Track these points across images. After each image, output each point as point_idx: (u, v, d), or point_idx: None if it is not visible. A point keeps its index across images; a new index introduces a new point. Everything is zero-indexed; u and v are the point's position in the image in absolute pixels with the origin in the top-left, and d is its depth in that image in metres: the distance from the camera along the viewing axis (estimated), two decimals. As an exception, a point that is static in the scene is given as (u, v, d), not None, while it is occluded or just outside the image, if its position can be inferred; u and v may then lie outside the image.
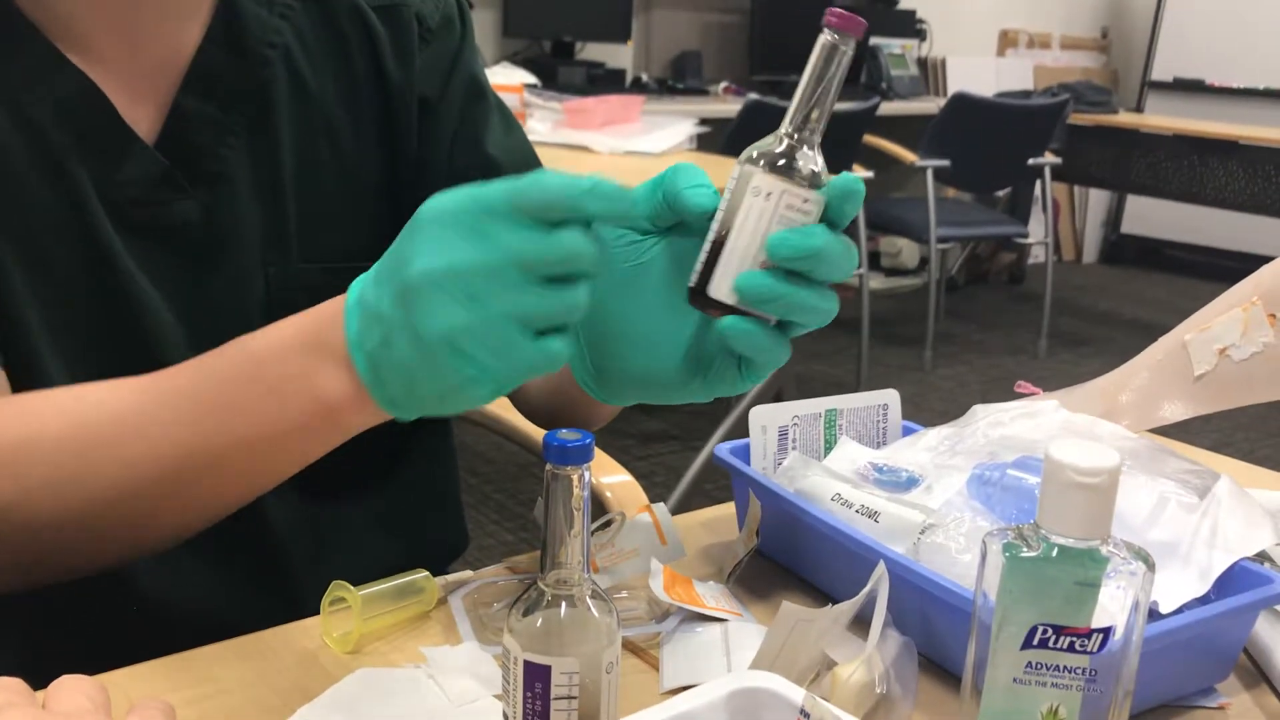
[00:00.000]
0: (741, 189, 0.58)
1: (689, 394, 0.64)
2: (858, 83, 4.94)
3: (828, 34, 0.58)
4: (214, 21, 0.77)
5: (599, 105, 3.01)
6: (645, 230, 0.63)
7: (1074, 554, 0.51)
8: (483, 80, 0.89)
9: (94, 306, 0.75)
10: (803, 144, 0.58)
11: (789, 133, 0.58)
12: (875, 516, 0.73)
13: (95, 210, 0.74)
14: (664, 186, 0.61)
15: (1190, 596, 0.66)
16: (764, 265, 0.58)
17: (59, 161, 0.72)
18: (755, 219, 0.57)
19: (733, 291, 0.58)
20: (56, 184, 0.73)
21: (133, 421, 0.63)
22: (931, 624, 0.68)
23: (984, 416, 0.84)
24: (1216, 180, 4.64)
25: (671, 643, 0.69)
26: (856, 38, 0.58)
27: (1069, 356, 4.33)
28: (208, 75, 0.76)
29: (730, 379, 0.63)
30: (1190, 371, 0.83)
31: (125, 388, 0.64)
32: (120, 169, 0.74)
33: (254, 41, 0.77)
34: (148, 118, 0.75)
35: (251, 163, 0.78)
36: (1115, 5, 6.24)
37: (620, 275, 0.63)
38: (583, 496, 0.53)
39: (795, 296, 0.58)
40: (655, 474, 3.00)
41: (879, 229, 4.49)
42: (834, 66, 0.58)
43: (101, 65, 0.74)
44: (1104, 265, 6.17)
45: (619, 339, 0.64)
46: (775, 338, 0.59)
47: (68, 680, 0.50)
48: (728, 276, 0.58)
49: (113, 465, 0.63)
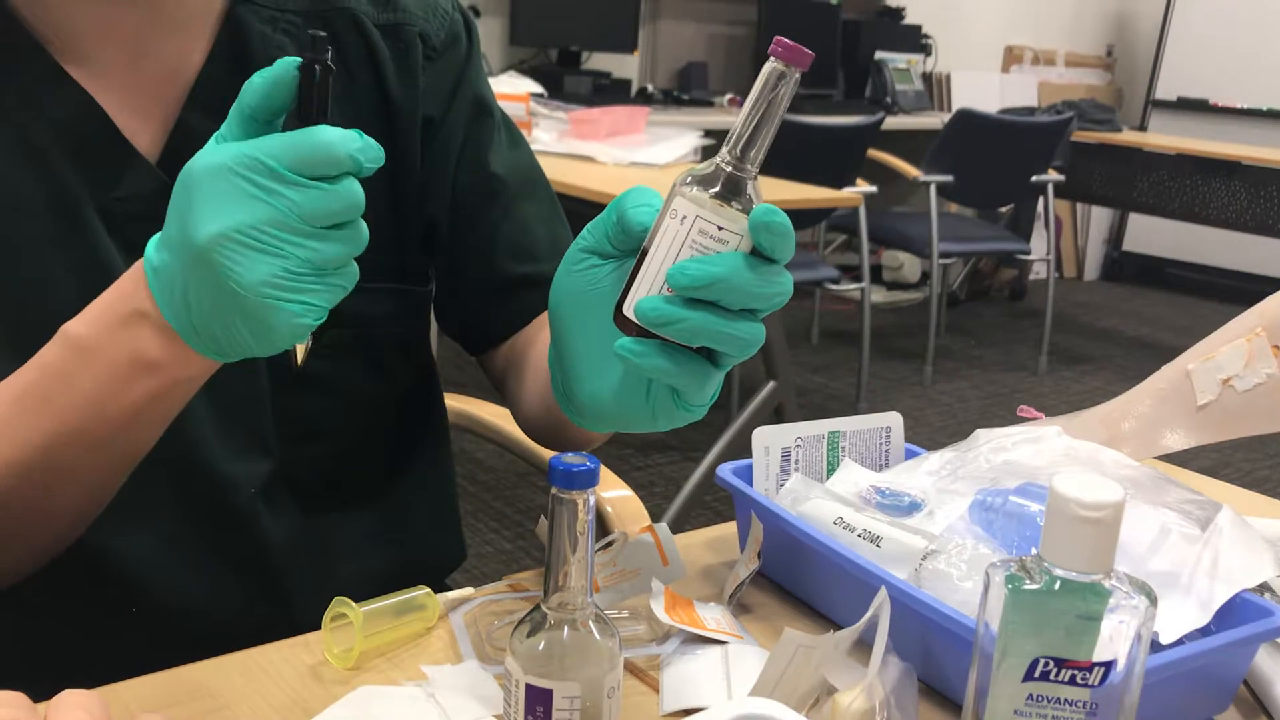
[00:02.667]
0: (665, 210, 0.58)
1: (645, 423, 0.64)
2: (862, 96, 4.95)
3: (775, 63, 0.57)
4: (218, 38, 0.77)
5: (604, 116, 3.02)
6: (607, 254, 0.63)
7: (1077, 587, 0.51)
8: (487, 97, 0.89)
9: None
10: (738, 171, 0.57)
11: (724, 159, 0.57)
12: (877, 541, 0.73)
13: (94, 225, 0.74)
14: (616, 207, 0.62)
15: (1191, 628, 0.66)
16: (671, 291, 0.57)
17: (57, 175, 0.72)
18: (669, 243, 0.57)
19: (635, 315, 0.58)
20: (54, 199, 0.73)
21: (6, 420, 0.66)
22: (932, 651, 0.68)
23: (986, 441, 0.84)
24: (1219, 200, 4.64)
25: (672, 664, 0.69)
26: (802, 69, 0.57)
27: (1069, 373, 4.33)
28: (212, 92, 0.76)
29: (668, 407, 0.62)
30: (1193, 401, 0.83)
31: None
32: (119, 184, 0.74)
33: (259, 59, 0.77)
34: (150, 134, 0.75)
35: None
36: (1121, 24, 6.26)
37: (583, 299, 0.63)
38: (587, 521, 0.53)
39: (695, 323, 0.57)
40: (655, 484, 3.00)
41: (881, 242, 4.49)
42: (779, 96, 0.57)
43: (104, 80, 0.74)
44: (1105, 283, 6.18)
45: (583, 362, 0.65)
46: (681, 362, 0.58)
47: (69, 694, 0.50)
48: (636, 297, 0.58)
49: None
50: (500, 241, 0.87)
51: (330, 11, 0.81)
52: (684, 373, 0.59)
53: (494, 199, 0.87)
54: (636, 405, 0.63)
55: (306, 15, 0.80)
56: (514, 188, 0.88)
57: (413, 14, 0.84)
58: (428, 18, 0.85)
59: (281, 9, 0.79)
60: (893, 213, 4.68)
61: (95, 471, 0.68)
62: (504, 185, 0.87)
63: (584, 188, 2.46)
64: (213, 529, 0.79)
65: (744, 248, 0.57)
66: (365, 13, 0.82)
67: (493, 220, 0.87)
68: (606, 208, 0.63)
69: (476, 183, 0.86)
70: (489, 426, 1.23)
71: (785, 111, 0.58)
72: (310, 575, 0.84)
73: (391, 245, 0.83)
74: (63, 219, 0.73)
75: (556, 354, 0.67)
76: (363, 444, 0.87)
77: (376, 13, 0.83)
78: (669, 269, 0.56)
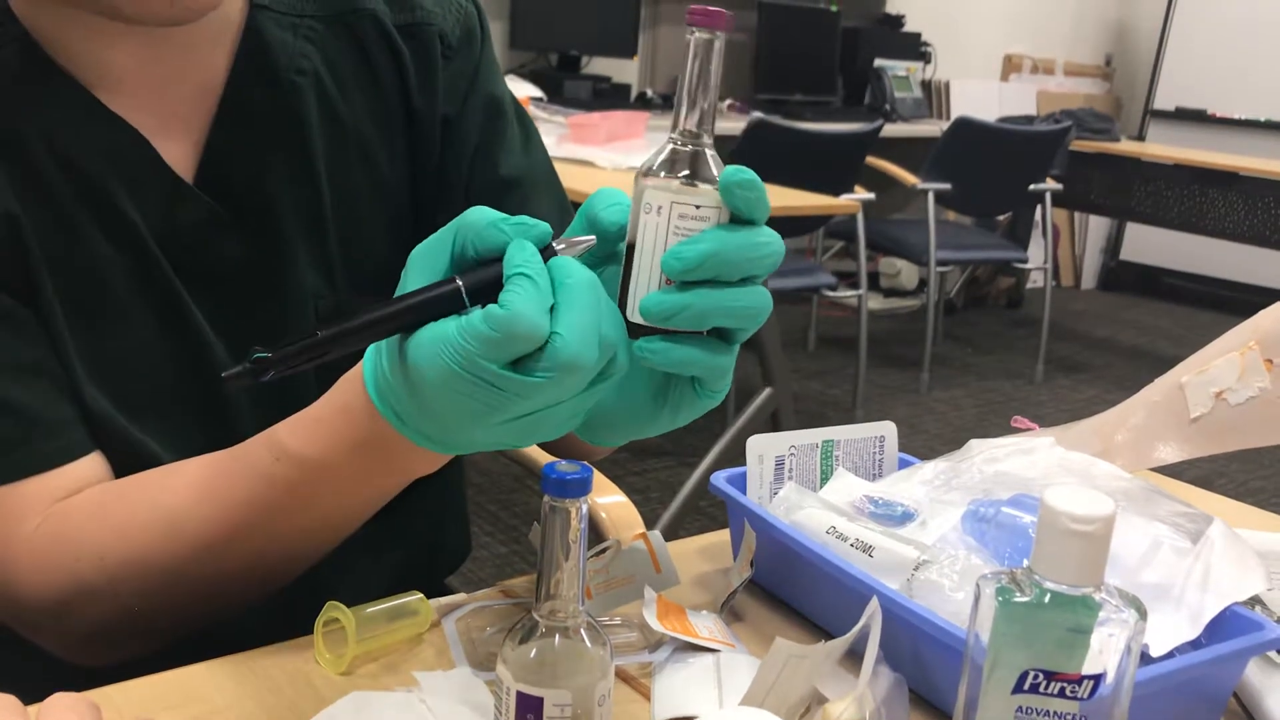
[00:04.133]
0: (637, 207, 0.57)
1: (660, 423, 0.63)
2: (861, 104, 4.96)
3: (699, 32, 0.56)
4: (240, 51, 0.76)
5: (603, 121, 3.03)
6: (586, 263, 0.62)
7: (1067, 600, 0.51)
8: (500, 94, 0.88)
9: (163, 356, 0.74)
10: (694, 147, 0.56)
11: (675, 139, 0.57)
12: (870, 551, 0.73)
13: (155, 254, 0.74)
14: (585, 213, 0.60)
15: (1181, 640, 0.66)
16: (668, 282, 0.56)
17: (116, 206, 0.72)
18: (652, 236, 0.56)
19: (641, 315, 0.57)
20: (117, 230, 0.73)
21: (216, 527, 0.68)
22: (923, 662, 0.68)
23: (980, 451, 0.84)
24: (1216, 210, 4.65)
25: (663, 672, 0.69)
26: (725, 30, 0.56)
27: (1066, 382, 4.33)
28: (240, 109, 0.76)
29: (690, 400, 0.62)
30: (1187, 413, 0.84)
31: (203, 492, 0.69)
32: (171, 213, 0.74)
33: (283, 69, 0.77)
34: (184, 154, 0.75)
35: (292, 196, 0.78)
36: (1119, 34, 6.27)
37: None
38: (580, 529, 0.53)
39: (702, 304, 0.56)
40: (650, 489, 3.00)
41: (878, 250, 4.50)
42: (711, 63, 0.56)
43: (137, 107, 0.73)
44: (1102, 292, 6.18)
45: None
46: (703, 349, 0.57)
47: (60, 697, 0.50)
48: (638, 300, 0.57)
49: (205, 570, 0.70)
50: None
51: (350, 14, 0.80)
52: (707, 359, 0.58)
53: (506, 201, 0.87)
54: (650, 407, 0.63)
55: (326, 19, 0.80)
56: (526, 187, 0.88)
57: (430, 12, 0.83)
58: (444, 14, 0.84)
59: (301, 14, 0.79)
60: (891, 220, 4.69)
61: (287, 564, 0.73)
62: (516, 185, 0.87)
63: (583, 192, 2.43)
64: None
65: (723, 219, 0.56)
66: (384, 14, 0.81)
67: None
68: (575, 218, 0.61)
69: (488, 184, 0.85)
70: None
71: (720, 75, 0.57)
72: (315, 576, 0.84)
73: (411, 249, 0.83)
74: (127, 250, 0.73)
75: None
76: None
77: (394, 13, 0.82)
78: (662, 261, 0.56)
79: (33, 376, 0.70)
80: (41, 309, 0.71)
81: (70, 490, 0.71)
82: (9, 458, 0.70)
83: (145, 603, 0.70)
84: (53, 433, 0.71)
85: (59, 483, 0.71)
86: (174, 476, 0.71)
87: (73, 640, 0.73)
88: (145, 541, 0.69)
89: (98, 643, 0.73)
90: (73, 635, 0.73)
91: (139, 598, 0.70)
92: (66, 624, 0.72)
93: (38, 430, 0.70)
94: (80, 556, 0.69)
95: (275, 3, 0.78)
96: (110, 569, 0.69)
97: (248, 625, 0.74)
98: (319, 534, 0.71)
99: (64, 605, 0.70)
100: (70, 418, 0.72)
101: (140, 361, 0.74)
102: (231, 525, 0.68)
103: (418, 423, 0.58)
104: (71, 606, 0.70)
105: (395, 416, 0.59)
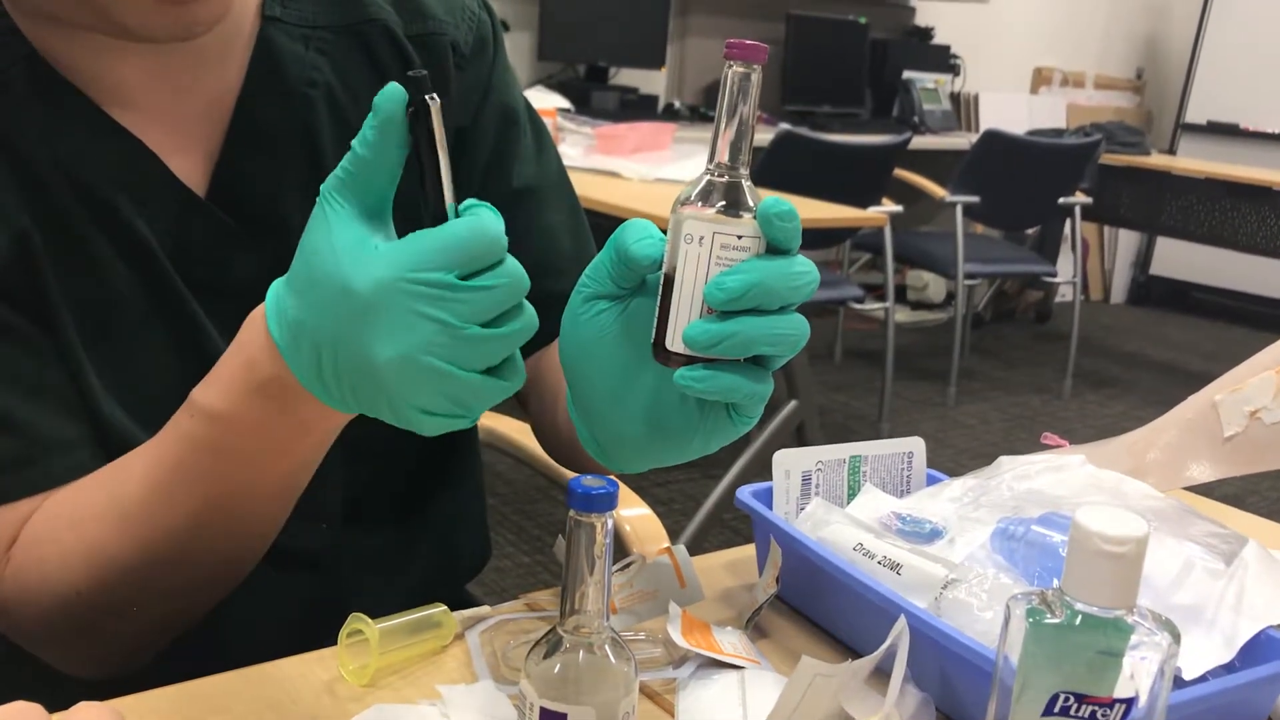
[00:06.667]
0: (676, 237, 0.57)
1: (692, 450, 0.63)
2: (890, 116, 4.95)
3: (736, 66, 0.57)
4: (252, 64, 0.76)
5: (630, 132, 3.03)
6: (613, 295, 0.62)
7: (1098, 623, 0.50)
8: (513, 102, 0.87)
9: (178, 371, 0.73)
10: (730, 178, 0.57)
11: (713, 170, 0.57)
12: (897, 569, 0.72)
13: (168, 271, 0.73)
14: (615, 246, 0.60)
15: (1215, 664, 0.65)
16: (709, 311, 0.57)
17: (128, 224, 0.72)
18: (694, 267, 0.57)
19: (683, 344, 0.57)
20: (128, 248, 0.72)
21: (153, 497, 0.67)
22: (951, 682, 0.67)
23: (1009, 469, 0.83)
24: (1248, 225, 4.61)
25: (688, 689, 0.69)
26: (761, 63, 0.57)
27: (1094, 397, 4.30)
28: (251, 122, 0.75)
29: (724, 427, 0.62)
30: (1220, 432, 0.82)
31: (140, 468, 0.68)
32: (184, 230, 0.74)
33: (294, 82, 0.76)
34: (196, 169, 0.75)
35: (305, 208, 0.78)
36: (1151, 47, 6.23)
37: (594, 346, 0.62)
38: (605, 544, 0.53)
39: (746, 333, 0.57)
40: (674, 502, 2.99)
41: (906, 262, 4.48)
42: (748, 96, 0.57)
43: (149, 123, 0.73)
44: (1132, 306, 6.14)
45: (608, 406, 0.63)
46: (744, 376, 0.58)
47: (84, 707, 0.50)
48: (679, 329, 0.57)
49: (145, 530, 0.68)
50: (524, 257, 0.87)
51: (361, 25, 0.80)
52: (748, 385, 0.58)
53: (519, 212, 0.86)
54: (683, 435, 0.62)
55: (337, 30, 0.79)
56: (539, 198, 0.87)
57: (441, 21, 0.82)
58: (456, 23, 0.83)
59: (313, 25, 0.78)
60: (918, 232, 4.67)
61: (234, 540, 0.71)
62: (529, 196, 0.86)
63: (609, 203, 2.46)
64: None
65: (761, 249, 0.58)
66: (395, 24, 0.80)
67: (517, 234, 0.87)
68: (603, 249, 0.61)
69: (502, 195, 0.85)
70: (510, 441, 1.23)
71: (757, 107, 0.58)
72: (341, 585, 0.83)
73: None
74: (139, 266, 0.73)
75: (577, 405, 0.65)
76: (393, 459, 0.86)
77: (406, 23, 0.81)
78: (705, 290, 0.57)
79: (34, 393, 0.70)
80: (55, 326, 0.70)
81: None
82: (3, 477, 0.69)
83: (108, 596, 0.69)
84: (51, 451, 0.70)
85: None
86: (124, 460, 0.70)
87: (73, 655, 0.73)
88: (99, 532, 0.68)
89: (87, 647, 0.72)
90: (70, 646, 0.72)
91: (102, 592, 0.68)
92: (59, 633, 0.71)
93: (36, 448, 0.69)
94: (44, 559, 0.69)
95: (286, 14, 0.77)
96: (72, 565, 0.68)
97: (269, 637, 0.74)
98: (258, 500, 0.68)
99: (46, 615, 0.70)
100: (74, 438, 0.71)
101: (155, 377, 0.73)
102: (166, 492, 0.66)
103: (331, 371, 0.57)
104: (51, 615, 0.70)
105: (294, 357, 0.58)
